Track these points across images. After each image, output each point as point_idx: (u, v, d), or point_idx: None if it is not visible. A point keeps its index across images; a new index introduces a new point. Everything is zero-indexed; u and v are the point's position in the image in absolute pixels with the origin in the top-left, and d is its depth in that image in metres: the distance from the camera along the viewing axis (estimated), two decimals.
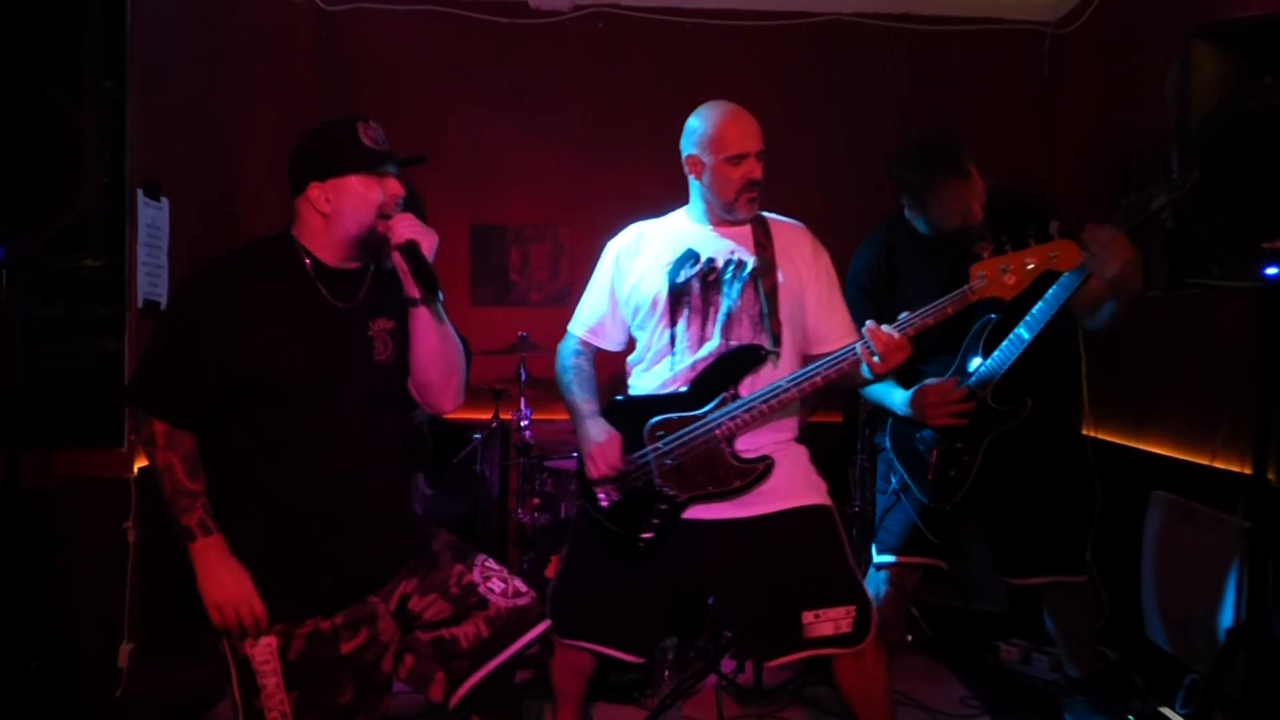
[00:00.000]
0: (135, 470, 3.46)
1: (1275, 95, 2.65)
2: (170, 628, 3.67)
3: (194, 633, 3.71)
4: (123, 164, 3.38)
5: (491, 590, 2.71)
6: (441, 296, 2.57)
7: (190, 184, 3.94)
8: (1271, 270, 2.64)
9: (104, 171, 2.76)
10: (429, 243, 2.50)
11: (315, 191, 2.50)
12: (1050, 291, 3.18)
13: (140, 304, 3.51)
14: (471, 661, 2.65)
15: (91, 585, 3.40)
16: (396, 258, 2.51)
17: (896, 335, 2.77)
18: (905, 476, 3.62)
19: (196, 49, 4.07)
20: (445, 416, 2.94)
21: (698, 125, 3.06)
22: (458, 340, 2.69)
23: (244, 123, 4.56)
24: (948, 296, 2.81)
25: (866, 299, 3.53)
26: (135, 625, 3.43)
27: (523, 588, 2.78)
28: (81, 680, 3.31)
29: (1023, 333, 3.27)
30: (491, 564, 2.81)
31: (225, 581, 2.44)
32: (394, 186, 2.54)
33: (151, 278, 3.60)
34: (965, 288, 2.78)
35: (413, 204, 2.94)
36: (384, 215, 2.51)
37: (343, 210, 2.50)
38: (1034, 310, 3.23)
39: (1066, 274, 3.08)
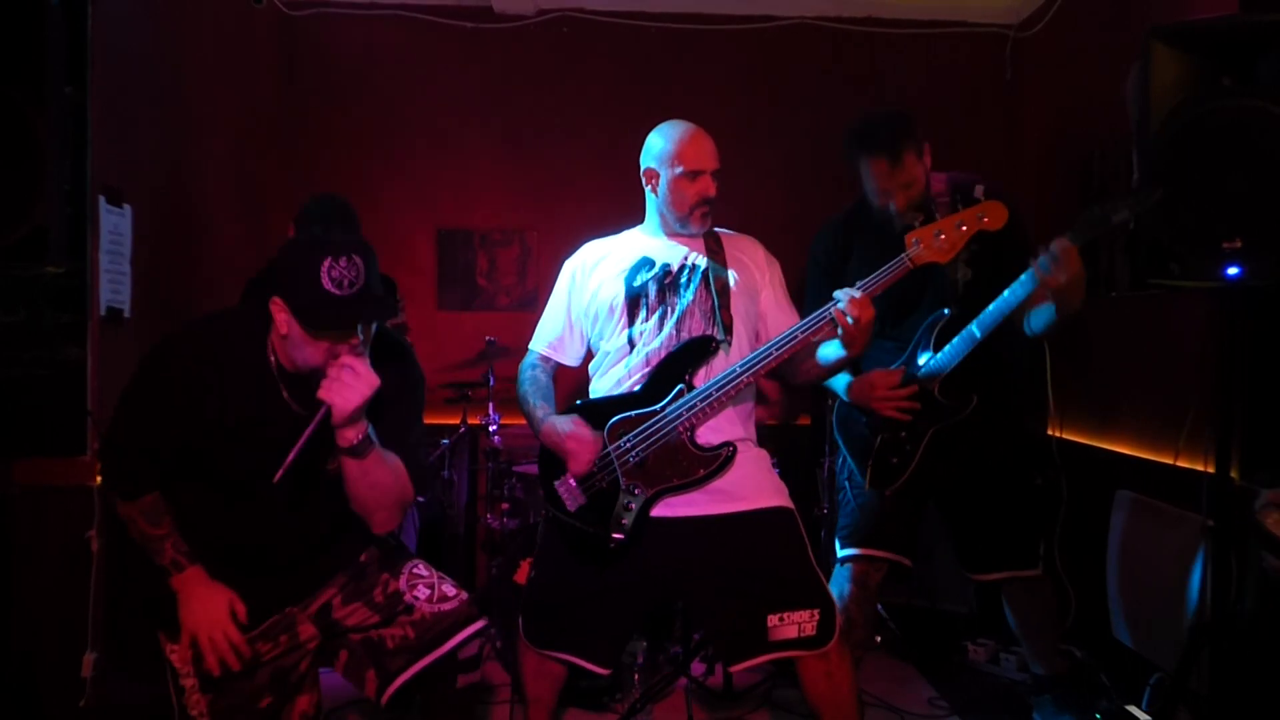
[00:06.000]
0: (99, 478, 3.42)
1: (1234, 96, 2.68)
2: (135, 637, 3.63)
3: (160, 642, 3.68)
4: (84, 170, 3.35)
5: (417, 597, 2.74)
6: (362, 449, 2.46)
7: (153, 190, 3.91)
8: (1232, 270, 2.67)
9: (65, 178, 2.74)
10: (345, 405, 2.38)
11: (277, 310, 2.44)
12: (1006, 292, 3.22)
13: (103, 311, 3.48)
14: (402, 661, 2.66)
15: (54, 594, 3.36)
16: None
17: (859, 294, 2.78)
18: (848, 459, 3.68)
19: (158, 54, 4.04)
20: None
21: (658, 141, 3.14)
22: (390, 479, 2.56)
23: (207, 128, 4.53)
24: (887, 266, 2.83)
25: (824, 277, 3.53)
26: (99, 635, 3.40)
27: (450, 591, 2.79)
28: (44, 691, 3.28)
29: (975, 331, 3.30)
30: (420, 569, 2.82)
31: (196, 610, 2.54)
32: (345, 342, 2.44)
33: (114, 284, 3.56)
34: (903, 255, 2.81)
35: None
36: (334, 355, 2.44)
37: (294, 344, 2.45)
38: (989, 309, 3.27)
39: (1024, 275, 3.13)
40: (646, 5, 5.69)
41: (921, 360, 3.43)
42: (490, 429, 4.97)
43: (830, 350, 3.03)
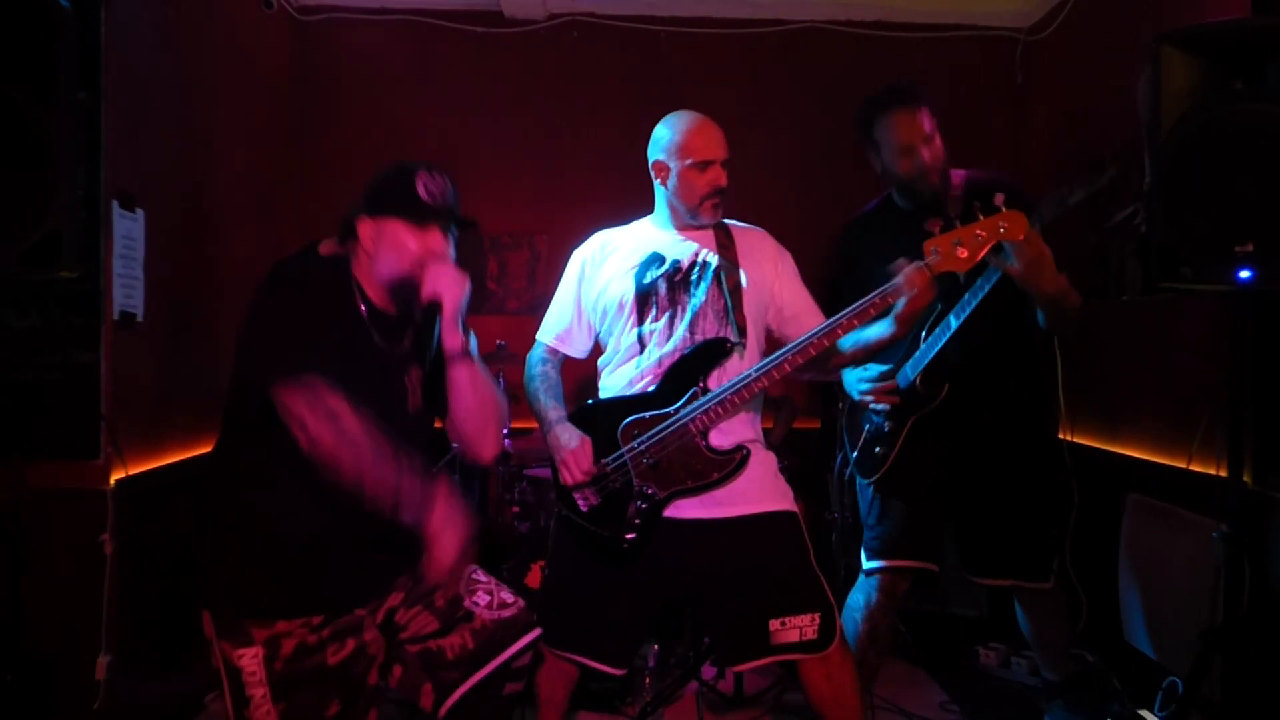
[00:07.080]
0: (112, 482, 3.44)
1: (1245, 100, 2.67)
2: (149, 640, 3.65)
3: (173, 645, 3.70)
4: (98, 176, 3.37)
5: (477, 604, 2.71)
6: (474, 350, 2.58)
7: (165, 195, 3.92)
8: (1243, 274, 2.66)
9: (79, 183, 2.74)
10: (455, 296, 2.51)
11: (364, 227, 2.53)
12: (979, 280, 3.23)
13: (116, 315, 3.49)
14: (459, 673, 2.64)
15: (68, 598, 3.37)
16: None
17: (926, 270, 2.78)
18: (847, 448, 3.76)
19: (170, 59, 4.06)
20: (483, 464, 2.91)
21: (665, 132, 3.13)
22: (495, 393, 2.66)
23: (218, 133, 4.55)
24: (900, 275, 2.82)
25: (849, 278, 3.53)
26: (113, 638, 3.41)
27: (509, 598, 2.77)
28: (58, 694, 3.29)
29: (951, 320, 3.34)
30: (479, 575, 2.80)
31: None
32: (435, 241, 2.55)
33: (127, 289, 3.58)
34: (920, 263, 2.79)
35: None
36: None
37: (381, 252, 2.52)
38: (963, 298, 3.29)
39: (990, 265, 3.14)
40: (656, 9, 5.70)
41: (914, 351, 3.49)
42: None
43: (874, 331, 2.96)
